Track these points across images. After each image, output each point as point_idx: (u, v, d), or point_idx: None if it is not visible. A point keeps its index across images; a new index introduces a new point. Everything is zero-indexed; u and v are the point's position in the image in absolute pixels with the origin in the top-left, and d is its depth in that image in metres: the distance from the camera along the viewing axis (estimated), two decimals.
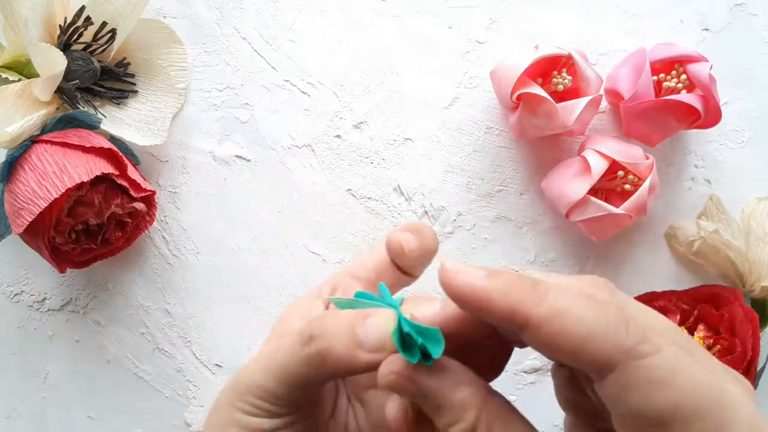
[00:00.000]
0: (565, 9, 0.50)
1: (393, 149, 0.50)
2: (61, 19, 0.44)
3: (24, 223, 0.40)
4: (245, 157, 0.50)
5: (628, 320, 0.19)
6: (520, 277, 0.21)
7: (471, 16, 0.50)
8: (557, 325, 0.19)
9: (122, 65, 0.48)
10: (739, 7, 0.50)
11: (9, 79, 0.43)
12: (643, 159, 0.45)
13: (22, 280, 0.50)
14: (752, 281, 0.47)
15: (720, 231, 0.45)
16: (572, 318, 0.19)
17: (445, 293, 0.21)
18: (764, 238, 0.47)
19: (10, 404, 0.50)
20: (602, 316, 0.19)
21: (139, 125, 0.48)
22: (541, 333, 0.19)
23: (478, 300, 0.20)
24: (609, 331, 0.19)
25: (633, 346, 0.19)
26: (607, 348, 0.19)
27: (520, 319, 0.20)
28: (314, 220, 0.50)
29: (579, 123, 0.44)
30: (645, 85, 0.43)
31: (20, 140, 0.43)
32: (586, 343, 0.19)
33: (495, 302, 0.20)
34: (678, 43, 0.47)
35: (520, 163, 0.50)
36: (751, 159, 0.49)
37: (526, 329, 0.20)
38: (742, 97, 0.50)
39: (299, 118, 0.50)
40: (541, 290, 0.20)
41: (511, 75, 0.44)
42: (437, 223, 0.49)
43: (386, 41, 0.50)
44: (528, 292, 0.20)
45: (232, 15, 0.51)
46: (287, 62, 0.50)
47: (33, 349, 0.50)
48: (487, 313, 0.20)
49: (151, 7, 0.50)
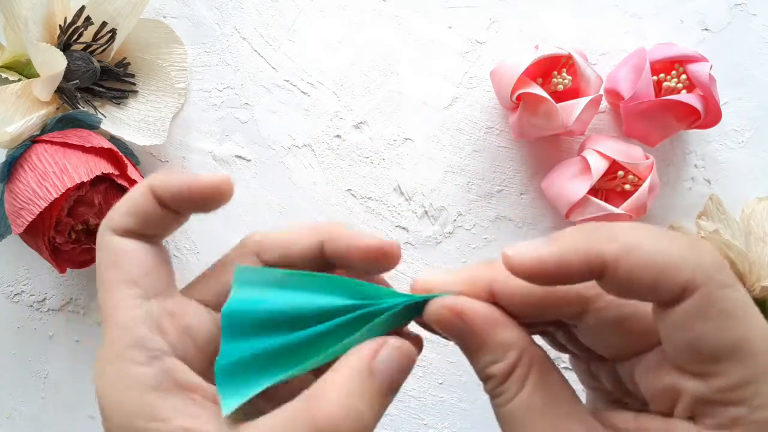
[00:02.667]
0: (565, 9, 0.50)
1: (393, 149, 0.50)
2: (61, 19, 0.44)
3: (24, 223, 0.40)
4: (245, 157, 0.50)
5: (706, 248, 0.19)
6: (579, 228, 0.20)
7: (471, 16, 0.50)
8: (635, 257, 0.19)
9: (122, 65, 0.48)
10: (739, 7, 0.50)
11: (9, 79, 0.43)
12: (643, 159, 0.45)
13: (22, 280, 0.50)
14: (752, 281, 0.47)
15: (720, 231, 0.45)
16: (647, 248, 0.19)
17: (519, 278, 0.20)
18: (764, 238, 0.47)
19: (10, 404, 0.49)
20: (675, 244, 0.19)
21: (139, 125, 0.48)
22: (620, 270, 0.19)
23: (551, 267, 0.19)
24: (687, 256, 0.19)
25: (714, 273, 0.19)
26: (686, 274, 0.19)
27: (597, 263, 0.19)
28: (314, 220, 0.49)
29: (579, 123, 0.44)
30: (645, 85, 0.43)
31: (20, 140, 0.43)
32: (665, 270, 0.19)
33: (567, 259, 0.19)
34: (678, 43, 0.47)
35: (520, 163, 0.50)
36: (751, 159, 0.49)
37: (604, 272, 0.19)
38: (742, 97, 0.50)
39: (299, 118, 0.50)
40: (607, 231, 0.19)
41: (511, 75, 0.44)
42: (437, 223, 0.49)
43: (386, 41, 0.50)
44: (595, 236, 0.19)
45: (232, 15, 0.51)
46: (287, 62, 0.50)
47: (33, 349, 0.50)
48: (564, 274, 0.20)
49: (151, 7, 0.50)
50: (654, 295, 0.19)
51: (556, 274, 0.20)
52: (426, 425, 0.48)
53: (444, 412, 0.48)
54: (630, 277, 0.19)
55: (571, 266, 0.19)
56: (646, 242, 0.19)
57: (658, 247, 0.19)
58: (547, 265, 0.19)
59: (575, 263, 0.19)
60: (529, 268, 0.20)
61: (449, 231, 0.49)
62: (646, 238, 0.19)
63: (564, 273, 0.20)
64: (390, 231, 0.49)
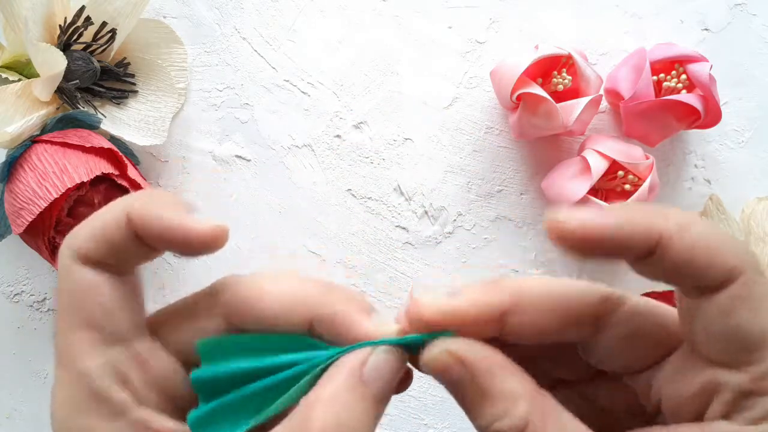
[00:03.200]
0: (565, 9, 0.50)
1: (393, 149, 0.50)
2: (61, 19, 0.44)
3: (24, 223, 0.40)
4: (245, 157, 0.50)
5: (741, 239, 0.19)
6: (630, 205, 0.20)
7: (471, 16, 0.50)
8: (689, 237, 0.18)
9: (122, 65, 0.48)
10: (739, 7, 0.50)
11: (9, 79, 0.43)
12: (643, 159, 0.45)
13: (22, 280, 0.50)
14: None
15: None
16: (700, 230, 0.19)
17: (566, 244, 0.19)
18: (764, 238, 0.47)
19: (10, 404, 0.49)
20: (720, 231, 0.19)
21: (139, 125, 0.48)
22: (674, 248, 0.18)
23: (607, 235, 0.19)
24: (734, 243, 0.19)
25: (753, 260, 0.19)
26: (734, 259, 0.18)
27: (653, 237, 0.19)
28: (314, 220, 0.50)
29: (579, 123, 0.44)
30: (645, 85, 0.43)
31: (20, 140, 0.43)
32: (717, 252, 0.18)
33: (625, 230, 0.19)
34: (678, 43, 0.47)
35: (520, 163, 0.50)
36: (751, 159, 0.49)
37: (655, 250, 0.19)
38: (742, 97, 0.50)
39: (299, 118, 0.50)
40: (660, 209, 0.19)
41: (511, 75, 0.44)
42: (437, 223, 0.49)
43: (386, 41, 0.50)
44: (650, 213, 0.19)
45: (232, 15, 0.51)
46: (287, 62, 0.50)
47: (33, 349, 0.50)
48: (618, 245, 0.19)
49: (151, 7, 0.50)
50: (701, 278, 0.19)
51: (609, 244, 0.19)
52: (426, 425, 0.48)
53: (444, 412, 0.48)
54: (683, 257, 0.18)
55: (628, 237, 0.19)
56: (698, 223, 0.19)
57: (709, 230, 0.19)
58: (604, 232, 0.19)
59: (632, 234, 0.19)
60: (583, 234, 0.19)
61: (449, 231, 0.49)
62: (697, 220, 0.19)
63: (619, 243, 0.19)
64: (390, 231, 0.49)
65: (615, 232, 0.19)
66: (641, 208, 0.19)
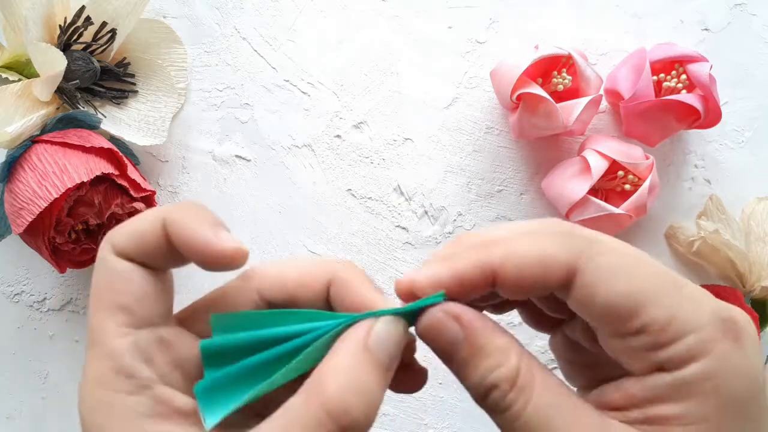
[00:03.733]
0: (565, 9, 0.50)
1: (393, 149, 0.50)
2: (61, 19, 0.44)
3: (24, 223, 0.40)
4: (245, 157, 0.50)
5: (571, 232, 0.21)
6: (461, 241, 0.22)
7: (471, 16, 0.50)
8: (517, 260, 0.20)
9: (122, 65, 0.48)
10: (739, 7, 0.50)
11: (9, 79, 0.43)
12: (643, 159, 0.45)
13: (22, 280, 0.50)
14: (752, 281, 0.47)
15: (720, 231, 0.45)
16: (524, 247, 0.21)
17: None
18: (764, 238, 0.47)
19: (10, 404, 0.49)
20: (543, 239, 0.21)
21: (139, 125, 0.48)
22: (507, 276, 0.20)
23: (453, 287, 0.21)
24: (555, 244, 0.20)
25: (582, 249, 0.20)
26: (560, 261, 0.20)
27: (488, 273, 0.21)
28: (314, 220, 0.50)
29: (579, 123, 0.44)
30: (645, 85, 0.43)
31: (20, 140, 0.43)
32: (547, 262, 0.20)
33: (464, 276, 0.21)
34: (678, 43, 0.47)
35: (520, 163, 0.50)
36: (751, 159, 0.50)
37: (496, 283, 0.21)
38: (742, 97, 0.50)
39: (299, 118, 0.50)
40: (489, 239, 0.21)
41: (511, 75, 0.44)
42: (437, 223, 0.49)
43: (386, 41, 0.50)
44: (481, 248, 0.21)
45: (232, 15, 0.51)
46: (287, 62, 0.50)
47: (33, 349, 0.50)
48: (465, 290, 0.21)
49: (151, 7, 0.50)
50: (546, 287, 0.21)
51: (458, 292, 0.21)
52: (426, 425, 0.48)
53: (444, 412, 0.48)
54: (519, 280, 0.20)
55: (469, 281, 0.21)
56: (521, 242, 0.21)
57: (532, 243, 0.21)
58: (448, 285, 0.21)
59: (471, 277, 0.21)
60: (433, 290, 0.21)
61: (449, 231, 0.49)
62: (520, 237, 0.21)
63: (464, 289, 0.21)
64: (390, 231, 0.49)
65: (457, 282, 0.21)
66: (472, 245, 0.21)
